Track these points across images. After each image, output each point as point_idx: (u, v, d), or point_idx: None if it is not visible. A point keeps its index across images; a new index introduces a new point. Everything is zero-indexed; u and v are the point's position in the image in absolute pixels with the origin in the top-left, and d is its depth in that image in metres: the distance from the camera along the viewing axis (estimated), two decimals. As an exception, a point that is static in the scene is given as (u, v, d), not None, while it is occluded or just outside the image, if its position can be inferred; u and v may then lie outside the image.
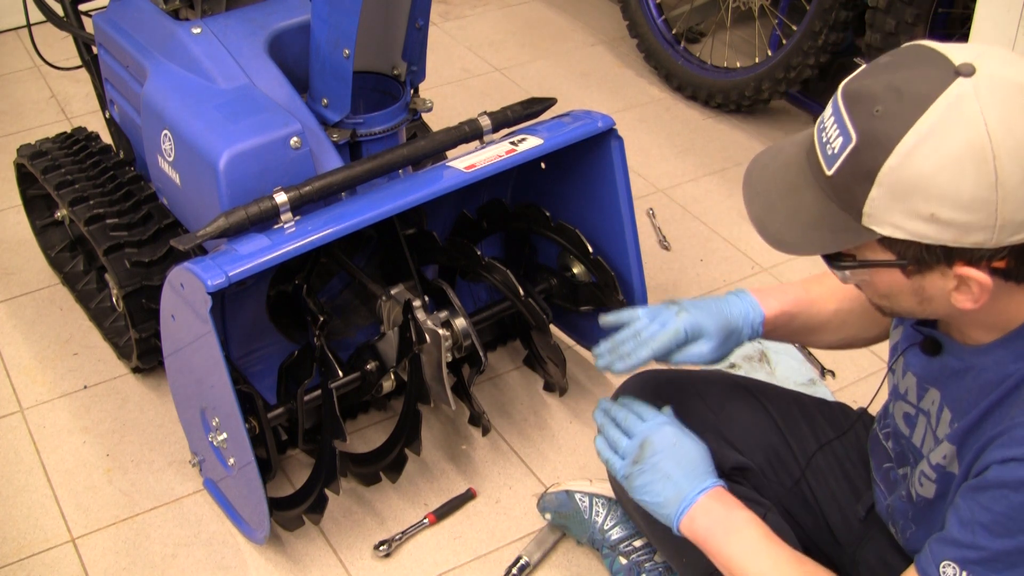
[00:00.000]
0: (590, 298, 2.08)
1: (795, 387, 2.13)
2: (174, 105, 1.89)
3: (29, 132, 2.97)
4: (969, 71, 1.02)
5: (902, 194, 1.04)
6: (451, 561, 1.87)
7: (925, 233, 1.05)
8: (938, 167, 1.02)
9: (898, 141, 1.03)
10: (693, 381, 1.69)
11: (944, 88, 1.02)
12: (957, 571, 1.16)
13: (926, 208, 1.03)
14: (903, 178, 1.03)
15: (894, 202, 1.05)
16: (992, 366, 1.18)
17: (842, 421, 1.64)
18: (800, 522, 1.61)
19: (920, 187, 1.03)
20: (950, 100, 1.02)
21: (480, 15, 3.64)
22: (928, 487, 1.32)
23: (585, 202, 2.03)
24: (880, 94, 1.05)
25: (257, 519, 1.82)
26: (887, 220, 1.06)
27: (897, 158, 1.03)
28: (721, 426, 1.63)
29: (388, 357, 1.86)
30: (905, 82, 1.04)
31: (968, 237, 1.04)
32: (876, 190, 1.05)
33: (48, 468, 2.04)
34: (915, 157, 1.02)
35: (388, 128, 1.99)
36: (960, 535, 1.16)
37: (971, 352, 1.21)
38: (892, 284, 1.14)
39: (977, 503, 1.15)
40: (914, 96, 1.03)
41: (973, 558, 1.15)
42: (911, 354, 1.32)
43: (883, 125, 1.04)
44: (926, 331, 1.27)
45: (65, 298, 2.41)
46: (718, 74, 3.07)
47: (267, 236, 1.66)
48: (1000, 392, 1.17)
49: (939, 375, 1.27)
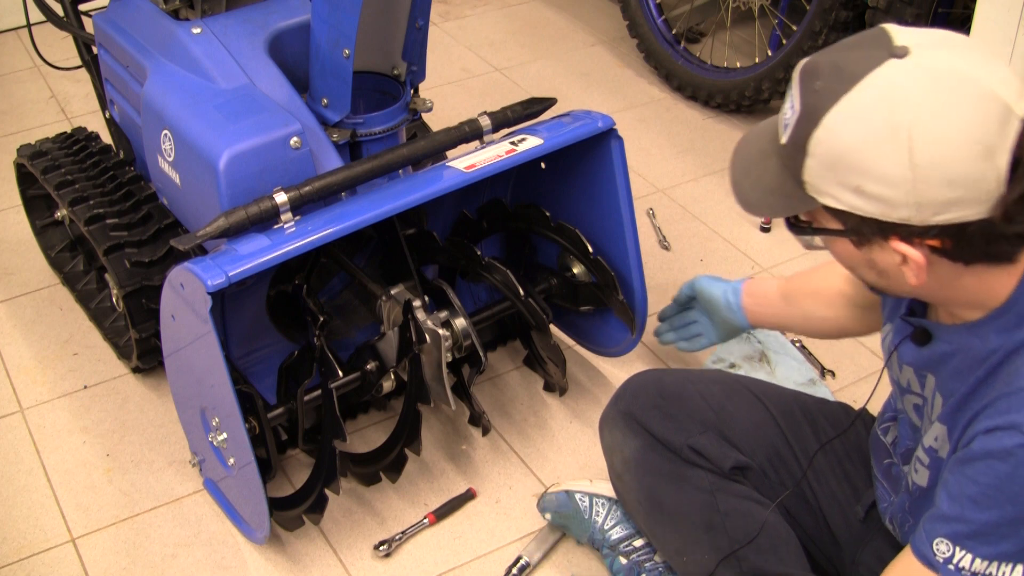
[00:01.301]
0: (590, 298, 2.08)
1: (795, 387, 2.13)
2: (174, 105, 1.89)
3: (29, 132, 2.97)
4: (903, 53, 1.07)
5: (830, 165, 1.10)
6: (451, 561, 1.87)
7: (857, 205, 1.10)
8: (858, 141, 1.07)
9: (825, 114, 1.08)
10: (694, 381, 1.69)
11: (875, 67, 1.07)
12: (951, 547, 1.17)
13: (853, 180, 1.09)
14: (829, 150, 1.09)
15: (825, 172, 1.11)
16: (978, 344, 1.20)
17: (843, 421, 1.64)
18: (800, 522, 1.61)
19: (844, 160, 1.08)
20: (877, 79, 1.07)
21: (480, 15, 3.64)
22: (922, 474, 1.32)
23: (585, 202, 2.03)
24: (823, 70, 1.11)
25: (257, 519, 1.82)
26: (824, 190, 1.12)
27: (823, 130, 1.09)
28: (722, 426, 1.63)
29: (388, 357, 1.86)
30: (846, 60, 1.10)
31: (894, 212, 1.08)
32: (809, 160, 1.11)
33: (48, 468, 2.04)
34: (838, 130, 1.08)
35: (388, 128, 1.99)
36: (950, 510, 1.17)
37: (958, 332, 1.22)
38: (847, 254, 1.19)
39: (964, 476, 1.16)
40: (848, 72, 1.08)
41: (964, 532, 1.16)
42: (904, 347, 1.33)
43: (817, 98, 1.10)
44: (915, 321, 1.30)
45: (65, 298, 2.41)
46: (718, 74, 3.07)
47: (267, 236, 1.66)
48: (986, 368, 1.19)
49: (931, 361, 1.28)
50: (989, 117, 1.04)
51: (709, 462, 1.59)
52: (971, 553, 1.15)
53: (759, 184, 1.20)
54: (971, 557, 1.15)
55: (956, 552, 1.16)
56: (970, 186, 1.05)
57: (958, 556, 1.16)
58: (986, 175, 1.05)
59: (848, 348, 2.30)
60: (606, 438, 1.72)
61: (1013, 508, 1.12)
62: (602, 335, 2.18)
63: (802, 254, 2.49)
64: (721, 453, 1.59)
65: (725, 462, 1.58)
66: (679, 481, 1.60)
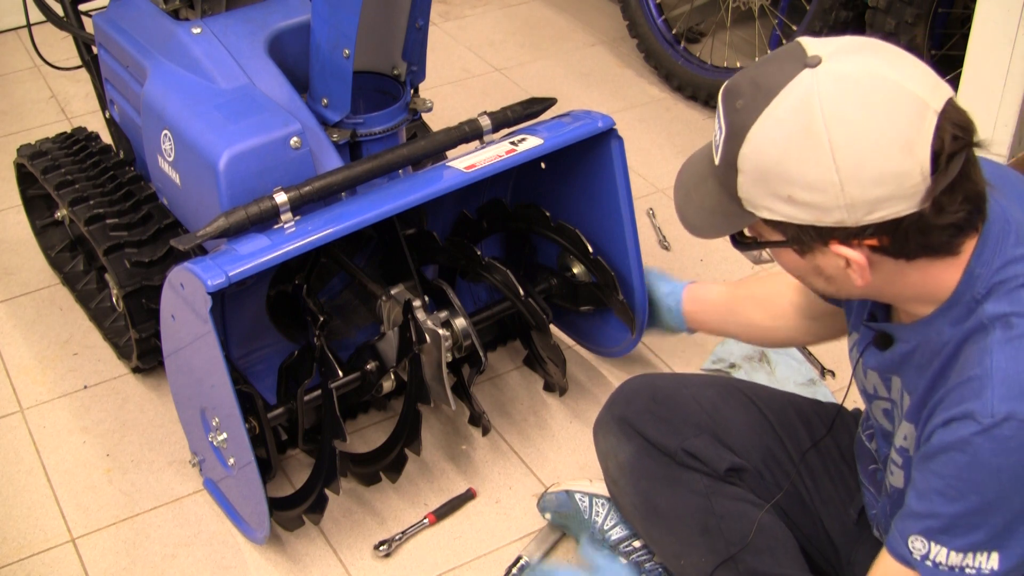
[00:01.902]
0: (590, 298, 2.08)
1: (795, 387, 2.13)
2: (174, 105, 1.89)
3: (29, 132, 2.96)
4: (815, 62, 1.09)
5: (760, 179, 1.12)
6: (451, 561, 1.87)
7: (792, 214, 1.12)
8: (781, 153, 1.09)
9: (748, 130, 1.11)
10: (687, 384, 1.69)
11: (790, 79, 1.09)
12: (925, 543, 1.18)
13: (783, 190, 1.10)
14: (756, 164, 1.11)
15: (757, 186, 1.13)
16: (934, 336, 1.21)
17: (838, 422, 1.64)
18: (797, 523, 1.61)
19: (772, 172, 1.10)
20: (793, 90, 1.09)
21: (480, 15, 3.64)
22: (897, 475, 1.33)
23: (585, 202, 2.03)
24: (743, 88, 1.14)
25: (257, 519, 1.82)
26: (760, 204, 1.14)
27: (748, 146, 1.11)
28: (716, 428, 1.63)
29: (388, 357, 1.86)
30: (763, 75, 1.12)
31: (828, 216, 1.10)
32: (741, 177, 1.13)
33: (48, 468, 2.04)
34: (761, 144, 1.10)
35: (388, 128, 1.99)
36: (919, 507, 1.18)
37: (915, 328, 1.24)
38: (793, 264, 1.21)
39: (928, 471, 1.17)
40: (766, 88, 1.10)
41: (936, 527, 1.17)
42: (868, 354, 1.34)
43: (740, 117, 1.12)
44: (875, 326, 1.31)
45: (65, 298, 2.41)
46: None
47: (267, 236, 1.66)
48: (941, 360, 1.20)
49: (894, 363, 1.29)
50: (904, 113, 1.06)
51: (704, 465, 1.59)
52: (945, 547, 1.16)
53: (701, 207, 1.23)
54: (946, 551, 1.16)
55: (931, 548, 1.17)
56: (896, 182, 1.06)
57: (934, 551, 1.17)
58: (910, 170, 1.06)
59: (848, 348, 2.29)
60: (601, 444, 1.73)
61: (978, 497, 1.13)
62: (602, 335, 2.18)
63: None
64: (716, 456, 1.59)
65: (720, 465, 1.58)
66: (674, 485, 1.60)
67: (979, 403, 1.12)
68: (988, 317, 1.15)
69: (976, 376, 1.13)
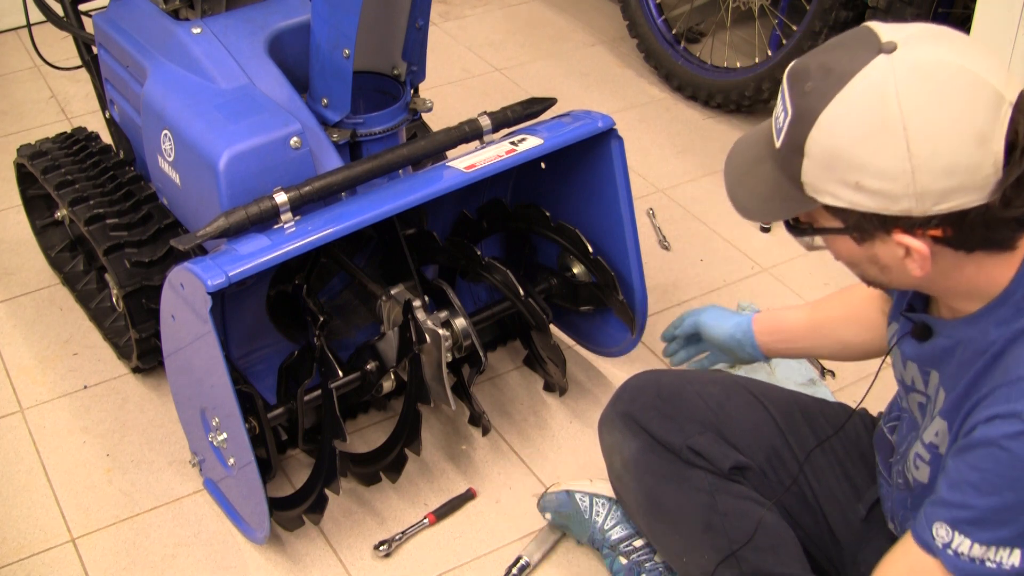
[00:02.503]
0: (590, 298, 2.08)
1: (795, 387, 2.13)
2: (174, 105, 1.89)
3: (29, 132, 2.96)
4: (891, 48, 1.08)
5: (828, 164, 1.11)
6: (451, 561, 1.87)
7: (858, 201, 1.11)
8: (854, 139, 1.08)
9: (819, 114, 1.10)
10: (692, 381, 1.69)
11: (864, 65, 1.08)
12: (949, 531, 1.18)
13: (851, 177, 1.10)
14: (825, 149, 1.10)
15: (823, 172, 1.12)
16: (978, 336, 1.20)
17: (843, 420, 1.64)
18: (800, 522, 1.61)
19: (842, 157, 1.09)
20: (868, 76, 1.08)
21: (480, 15, 3.64)
22: (923, 470, 1.33)
23: (585, 202, 2.03)
24: (812, 72, 1.12)
25: (257, 519, 1.82)
26: (824, 189, 1.13)
27: (819, 130, 1.10)
28: (721, 426, 1.63)
29: (388, 357, 1.86)
30: (834, 60, 1.11)
31: (895, 205, 1.09)
32: (807, 161, 1.12)
33: (48, 468, 2.04)
34: (834, 129, 1.09)
35: (388, 128, 1.99)
36: (950, 496, 1.18)
37: (957, 326, 1.23)
38: (849, 252, 1.20)
39: (964, 463, 1.17)
40: (838, 72, 1.10)
41: (964, 518, 1.16)
42: (905, 344, 1.34)
43: (809, 100, 1.11)
44: (915, 317, 1.30)
45: (65, 298, 2.41)
46: (718, 74, 3.07)
47: (267, 236, 1.66)
48: (985, 360, 1.19)
49: (934, 357, 1.29)
50: (981, 104, 1.06)
51: (708, 462, 1.59)
52: (969, 538, 1.16)
53: (756, 190, 1.21)
54: (969, 542, 1.16)
55: (955, 537, 1.17)
56: (968, 173, 1.06)
57: (957, 541, 1.17)
58: (982, 162, 1.06)
59: (848, 348, 2.30)
60: (605, 440, 1.72)
61: (1013, 495, 1.13)
62: (602, 335, 2.18)
63: (802, 254, 2.49)
64: (720, 453, 1.59)
65: (724, 462, 1.58)
66: (678, 482, 1.60)
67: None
68: None
69: None
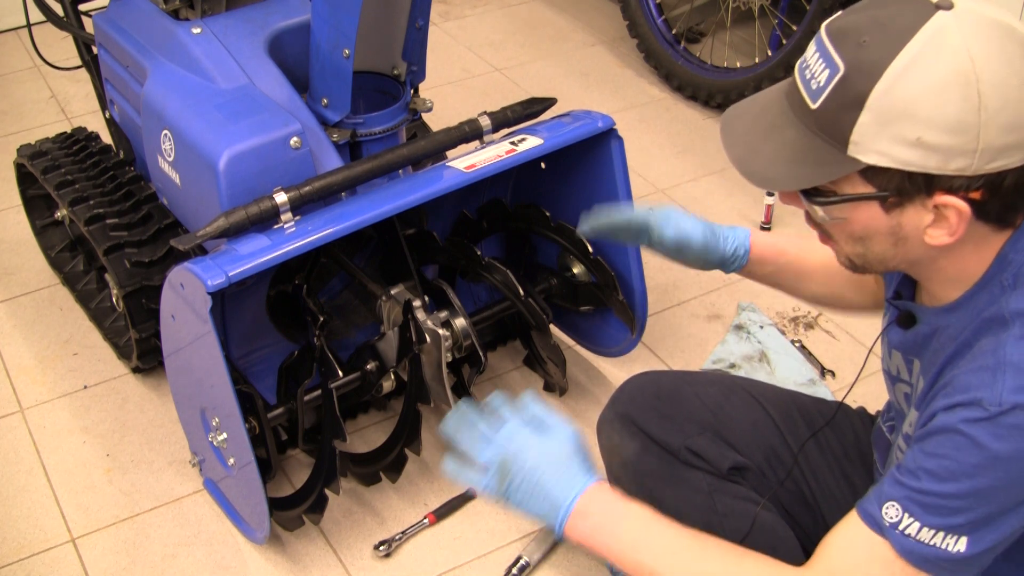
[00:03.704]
0: (590, 298, 2.08)
1: (795, 387, 2.13)
2: (174, 105, 1.89)
3: (29, 132, 2.97)
4: (948, 5, 1.09)
5: (890, 118, 1.09)
6: (451, 561, 1.87)
7: (910, 159, 1.09)
8: (925, 90, 1.07)
9: (886, 66, 1.08)
10: (691, 382, 1.69)
11: (926, 20, 1.08)
12: (899, 512, 1.17)
13: (912, 132, 1.08)
14: (892, 102, 1.08)
15: (882, 127, 1.09)
16: (954, 323, 1.20)
17: (841, 420, 1.64)
18: (799, 522, 1.61)
19: (908, 110, 1.08)
20: (933, 30, 1.08)
21: (480, 15, 3.64)
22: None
23: (585, 202, 2.03)
24: (865, 27, 1.10)
25: (257, 519, 1.82)
26: (873, 147, 1.10)
27: (886, 82, 1.08)
28: (719, 426, 1.63)
29: (388, 357, 1.86)
30: (888, 17, 1.10)
31: (950, 163, 1.08)
32: (865, 115, 1.09)
33: (48, 468, 2.04)
34: (903, 81, 1.07)
35: (388, 128, 1.99)
36: (905, 479, 1.18)
37: (937, 313, 1.23)
38: (870, 221, 1.17)
39: (922, 451, 1.16)
40: (898, 27, 1.08)
41: (917, 501, 1.16)
42: (891, 332, 1.34)
43: (870, 53, 1.09)
44: (900, 304, 1.30)
45: (65, 298, 2.41)
46: (718, 74, 3.07)
47: (267, 236, 1.66)
48: (954, 347, 1.19)
49: (916, 344, 1.29)
50: None
51: (707, 463, 1.59)
52: (919, 521, 1.16)
53: (778, 157, 1.17)
54: (919, 525, 1.16)
55: (904, 518, 1.17)
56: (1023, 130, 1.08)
57: (906, 522, 1.17)
58: None
59: (848, 348, 2.30)
60: (604, 441, 1.72)
61: (970, 483, 1.13)
62: (602, 335, 2.18)
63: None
64: (719, 454, 1.59)
65: (723, 463, 1.58)
66: (677, 483, 1.59)
67: (988, 392, 1.12)
68: (1011, 312, 1.15)
69: (988, 366, 1.13)
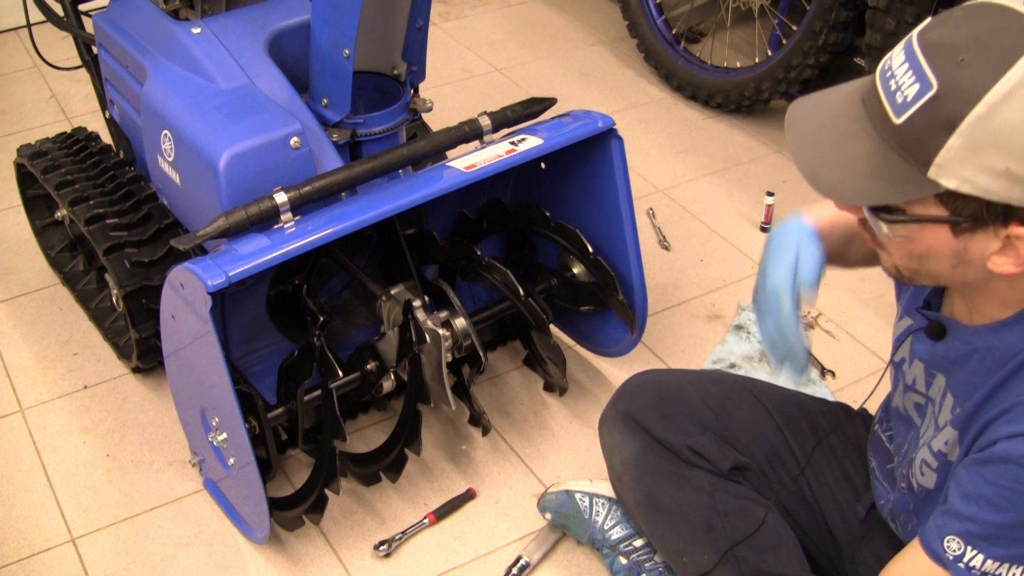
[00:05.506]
0: (590, 298, 2.08)
1: (795, 387, 2.13)
2: (174, 105, 1.89)
3: (29, 132, 2.97)
4: None
5: (982, 146, 1.02)
6: (451, 561, 1.87)
7: (993, 189, 1.03)
8: None
9: (985, 92, 1.01)
10: (692, 381, 1.69)
11: None
12: (962, 545, 1.16)
13: (1002, 163, 1.02)
14: (987, 130, 1.01)
15: (970, 154, 1.03)
16: (1000, 345, 1.18)
17: (842, 420, 1.64)
18: (799, 522, 1.61)
19: (1002, 141, 1.01)
20: None
21: (480, 15, 3.64)
22: (929, 476, 1.32)
23: (585, 202, 2.03)
24: (964, 44, 1.03)
25: (257, 519, 1.82)
26: (957, 173, 1.04)
27: (983, 109, 1.01)
28: (721, 426, 1.63)
29: (388, 357, 1.86)
30: (989, 35, 1.03)
31: None
32: (955, 140, 1.03)
33: (48, 468, 2.04)
34: (1002, 110, 1.01)
35: (388, 128, 1.99)
36: (964, 509, 1.16)
37: (977, 333, 1.21)
38: (935, 243, 1.11)
39: (982, 477, 1.15)
40: (1001, 49, 1.01)
41: (978, 532, 1.15)
42: (917, 340, 1.32)
43: (968, 75, 1.01)
44: (931, 315, 1.27)
45: (65, 298, 2.41)
46: (718, 74, 3.07)
47: (267, 236, 1.66)
48: (1007, 370, 1.17)
49: (944, 360, 1.27)
50: None
51: (708, 462, 1.59)
52: (983, 553, 1.15)
53: (850, 169, 1.09)
54: (983, 557, 1.15)
55: (967, 551, 1.16)
56: None
57: (969, 555, 1.16)
58: None
59: (848, 348, 2.30)
60: (605, 439, 1.73)
61: None
62: (602, 335, 2.18)
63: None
64: (720, 453, 1.59)
65: (724, 462, 1.58)
66: (678, 482, 1.60)
67: None
68: None
69: None
